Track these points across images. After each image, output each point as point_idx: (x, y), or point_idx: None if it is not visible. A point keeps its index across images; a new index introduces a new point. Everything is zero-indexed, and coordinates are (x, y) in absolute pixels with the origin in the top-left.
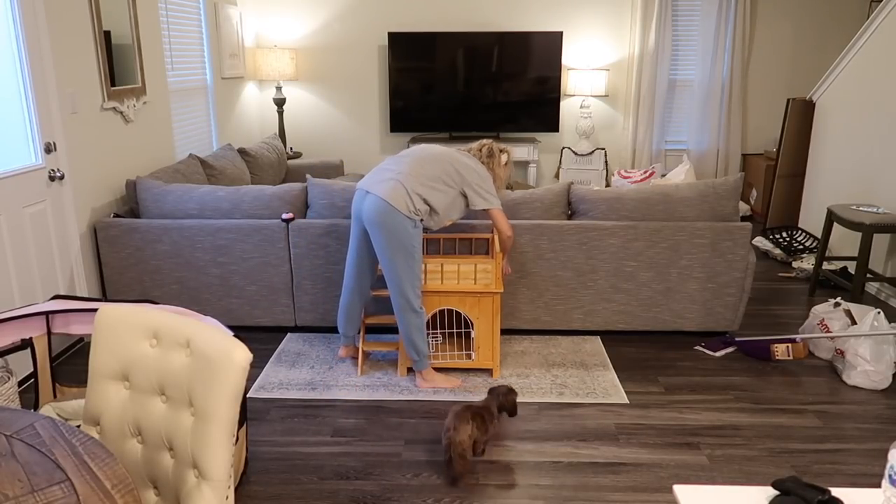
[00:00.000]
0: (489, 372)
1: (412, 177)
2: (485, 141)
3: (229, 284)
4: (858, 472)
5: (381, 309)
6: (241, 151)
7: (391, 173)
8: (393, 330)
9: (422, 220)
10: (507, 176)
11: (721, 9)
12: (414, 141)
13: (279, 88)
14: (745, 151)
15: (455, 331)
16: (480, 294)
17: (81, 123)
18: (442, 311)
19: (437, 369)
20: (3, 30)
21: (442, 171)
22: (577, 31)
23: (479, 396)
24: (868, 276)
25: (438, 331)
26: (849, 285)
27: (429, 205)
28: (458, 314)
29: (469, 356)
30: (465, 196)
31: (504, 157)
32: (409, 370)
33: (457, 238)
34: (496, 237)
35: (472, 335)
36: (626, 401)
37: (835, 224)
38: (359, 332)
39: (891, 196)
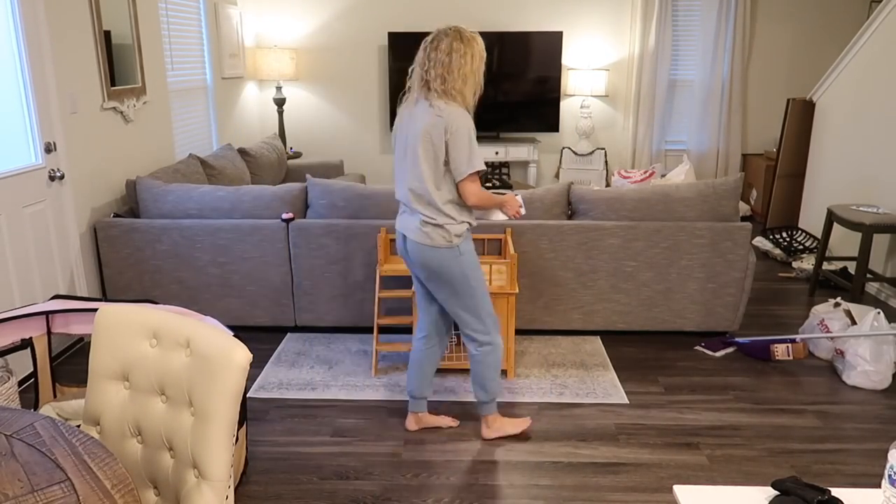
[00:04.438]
0: (504, 373)
1: (427, 202)
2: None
3: (229, 284)
4: (858, 472)
5: (394, 310)
6: (241, 151)
7: (411, 208)
8: (405, 331)
9: (466, 231)
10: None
11: (721, 9)
12: None
13: (279, 88)
14: (745, 151)
15: None
16: (495, 295)
17: (81, 123)
18: None
19: (448, 370)
20: (3, 30)
21: (435, 155)
22: (577, 31)
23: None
24: (868, 276)
25: (453, 332)
26: (849, 285)
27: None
28: None
29: None
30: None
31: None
32: None
33: None
34: (509, 238)
35: None
36: (626, 401)
37: (835, 224)
38: (428, 397)
39: (891, 196)
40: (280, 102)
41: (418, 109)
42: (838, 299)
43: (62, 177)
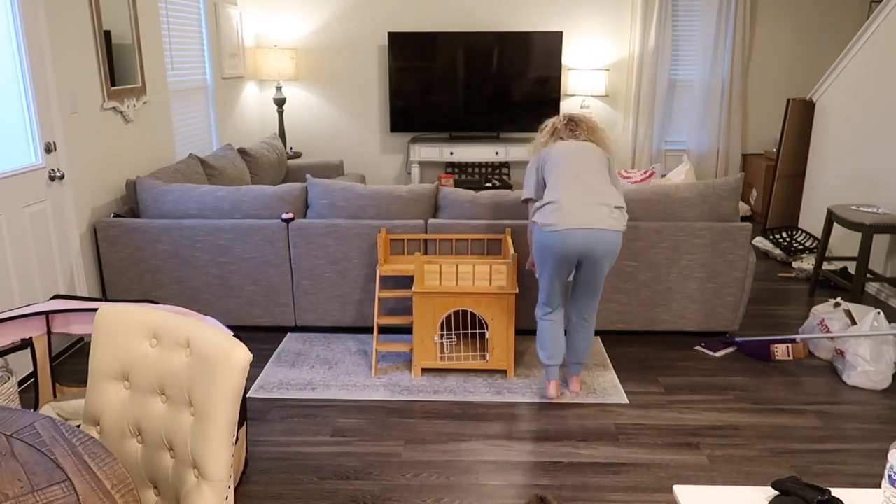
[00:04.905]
0: (504, 373)
1: (610, 191)
2: (560, 122)
3: (229, 284)
4: (858, 472)
5: (394, 310)
6: (241, 151)
7: (594, 200)
8: (404, 331)
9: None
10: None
11: (721, 9)
12: (414, 141)
13: (279, 88)
14: (745, 151)
15: (469, 332)
16: (495, 295)
17: (81, 123)
18: (456, 312)
19: (448, 370)
20: (3, 29)
21: (606, 165)
22: (577, 31)
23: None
24: (868, 276)
25: (453, 332)
26: (849, 285)
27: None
28: (473, 315)
29: (483, 357)
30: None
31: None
32: (424, 371)
33: (469, 239)
34: (509, 238)
35: (487, 336)
36: (626, 401)
37: (835, 224)
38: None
39: (891, 196)
40: (280, 102)
41: (584, 143)
42: (838, 299)
43: (62, 177)
